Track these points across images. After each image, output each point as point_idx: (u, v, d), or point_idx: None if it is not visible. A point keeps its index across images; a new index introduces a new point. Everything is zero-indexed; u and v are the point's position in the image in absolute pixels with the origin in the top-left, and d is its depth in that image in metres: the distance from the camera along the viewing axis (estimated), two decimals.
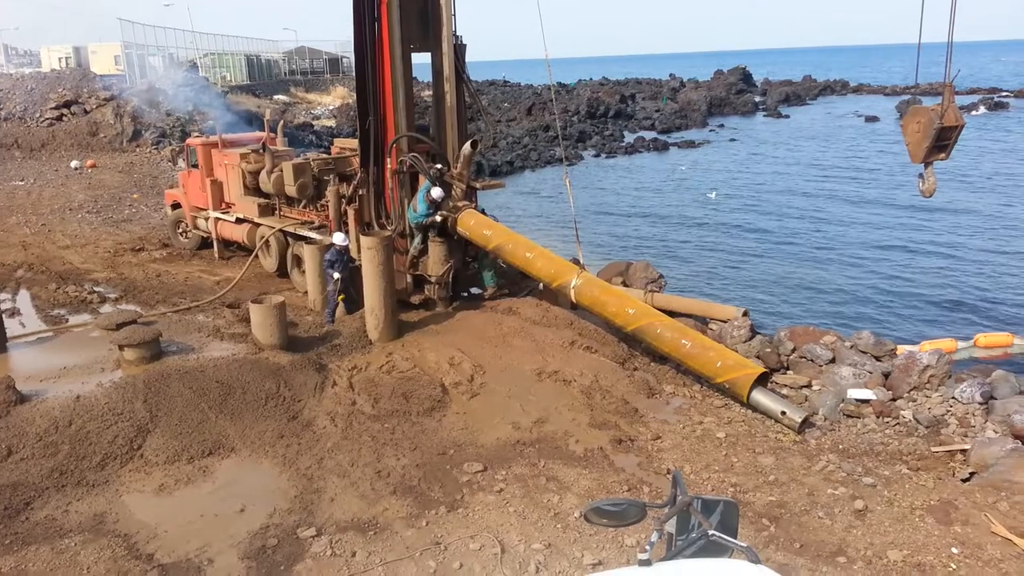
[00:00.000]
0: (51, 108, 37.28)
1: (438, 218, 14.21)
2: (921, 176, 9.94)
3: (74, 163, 32.38)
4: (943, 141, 9.64)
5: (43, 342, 13.58)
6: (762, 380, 11.19)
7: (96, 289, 16.58)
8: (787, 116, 70.60)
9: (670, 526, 3.44)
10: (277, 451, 9.93)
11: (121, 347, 11.89)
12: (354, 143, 16.06)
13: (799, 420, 10.43)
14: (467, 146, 14.23)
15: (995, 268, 22.60)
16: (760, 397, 10.89)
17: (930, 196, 10.09)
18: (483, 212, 14.98)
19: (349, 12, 14.11)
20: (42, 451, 9.56)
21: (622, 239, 27.56)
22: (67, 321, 14.69)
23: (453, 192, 14.47)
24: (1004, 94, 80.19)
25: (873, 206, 31.75)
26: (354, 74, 15.39)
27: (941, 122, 9.41)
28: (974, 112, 64.21)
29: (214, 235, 19.10)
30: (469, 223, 14.18)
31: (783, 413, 10.58)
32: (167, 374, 11.11)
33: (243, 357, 11.97)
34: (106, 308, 15.38)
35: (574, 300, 13.25)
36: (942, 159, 9.84)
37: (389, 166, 14.53)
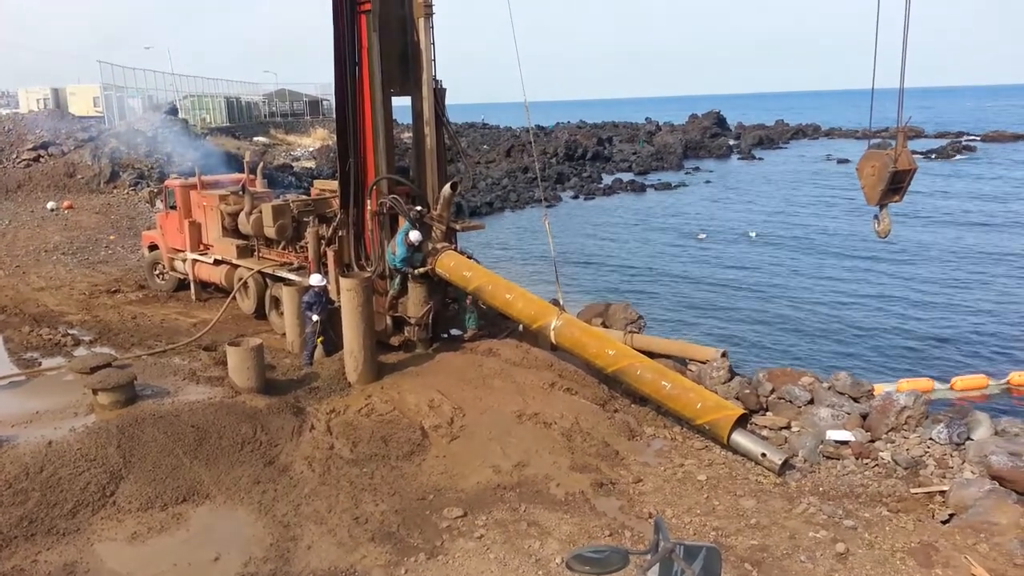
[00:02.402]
0: (28, 149, 37.10)
1: (416, 272, 14.19)
2: (876, 217, 10.15)
3: (50, 204, 32.12)
4: (897, 184, 9.87)
5: (15, 386, 13.34)
6: (742, 422, 11.21)
7: (70, 332, 16.38)
8: (761, 159, 71.79)
9: (653, 573, 3.42)
10: (253, 497, 9.76)
11: (95, 391, 11.71)
12: (334, 185, 16.10)
13: (779, 462, 10.44)
14: (447, 188, 14.31)
15: (969, 310, 22.94)
16: (740, 439, 10.90)
17: (885, 237, 10.30)
18: (470, 257, 15.00)
19: (330, 55, 14.27)
20: (11, 498, 9.33)
21: (601, 280, 27.71)
22: (40, 364, 14.47)
23: (433, 234, 14.52)
24: (971, 137, 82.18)
25: (848, 249, 32.20)
26: (334, 116, 15.49)
27: (895, 166, 9.64)
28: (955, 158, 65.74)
29: (191, 277, 18.97)
30: (449, 264, 14.20)
31: (763, 455, 10.59)
32: (141, 419, 10.93)
33: (219, 401, 11.83)
34: (80, 351, 15.17)
35: (554, 341, 13.26)
36: (896, 201, 10.07)
37: (369, 208, 14.57)
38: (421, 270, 14.20)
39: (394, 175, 14.74)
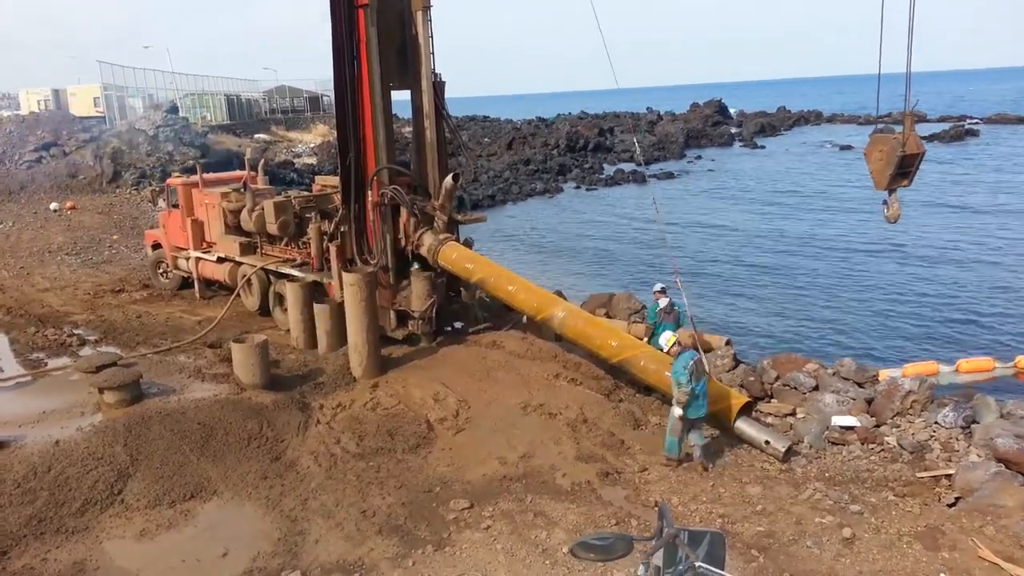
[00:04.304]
0: (30, 150, 37.23)
1: None
2: (885, 203, 10.10)
3: (53, 205, 32.20)
4: (905, 168, 9.81)
5: (22, 386, 13.40)
6: (746, 409, 11.20)
7: (76, 331, 16.42)
8: (763, 147, 71.52)
9: (657, 559, 3.43)
10: (260, 493, 9.80)
11: (101, 390, 11.77)
12: (335, 180, 16.10)
13: (783, 449, 10.44)
14: (448, 179, 14.29)
15: (975, 294, 22.88)
16: (745, 427, 10.90)
17: (894, 222, 10.23)
18: (468, 244, 14.98)
19: (329, 51, 14.25)
20: (20, 498, 9.38)
21: (604, 270, 27.69)
22: (46, 365, 14.52)
23: (435, 224, 14.52)
24: (973, 121, 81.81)
25: (853, 234, 32.12)
26: (335, 112, 15.49)
27: (903, 150, 9.59)
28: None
29: (195, 275, 19.00)
30: (451, 256, 14.20)
31: (767, 443, 10.59)
32: (148, 417, 10.98)
33: (225, 398, 11.87)
34: (86, 351, 15.22)
35: (558, 332, 13.27)
36: (905, 185, 10.01)
37: (370, 199, 14.55)
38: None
39: (394, 165, 14.73)
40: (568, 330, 12.98)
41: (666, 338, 10.57)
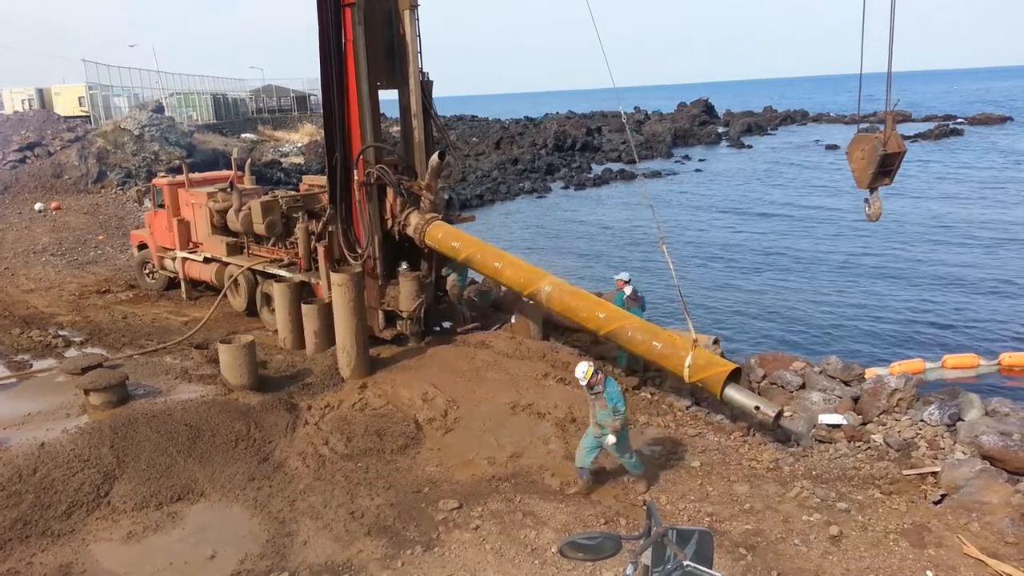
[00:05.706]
0: (14, 151, 36.91)
1: None
2: (867, 201, 10.18)
3: (38, 205, 31.96)
4: (887, 167, 9.91)
5: (6, 388, 13.28)
6: (735, 377, 11.19)
7: (61, 333, 16.30)
8: (750, 146, 71.81)
9: (645, 558, 3.43)
10: (248, 494, 9.76)
11: (87, 392, 11.68)
12: (323, 180, 16.05)
13: (773, 414, 10.43)
14: (435, 157, 14.17)
15: (959, 292, 23.05)
16: (734, 394, 10.88)
17: (876, 220, 10.32)
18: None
19: (316, 50, 14.20)
20: (5, 501, 9.30)
21: (595, 269, 27.73)
22: (31, 366, 14.40)
23: (422, 204, 14.50)
24: (958, 121, 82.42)
25: (837, 231, 32.31)
26: (322, 111, 15.43)
27: (885, 149, 9.68)
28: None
29: (181, 275, 18.89)
30: (437, 235, 14.15)
31: (757, 408, 10.56)
32: (134, 418, 10.91)
33: (212, 399, 11.81)
34: (71, 352, 15.10)
35: (546, 307, 13.27)
36: (886, 184, 10.11)
37: (356, 178, 14.45)
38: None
39: (380, 143, 14.69)
40: (555, 304, 12.97)
41: (583, 371, 9.22)
